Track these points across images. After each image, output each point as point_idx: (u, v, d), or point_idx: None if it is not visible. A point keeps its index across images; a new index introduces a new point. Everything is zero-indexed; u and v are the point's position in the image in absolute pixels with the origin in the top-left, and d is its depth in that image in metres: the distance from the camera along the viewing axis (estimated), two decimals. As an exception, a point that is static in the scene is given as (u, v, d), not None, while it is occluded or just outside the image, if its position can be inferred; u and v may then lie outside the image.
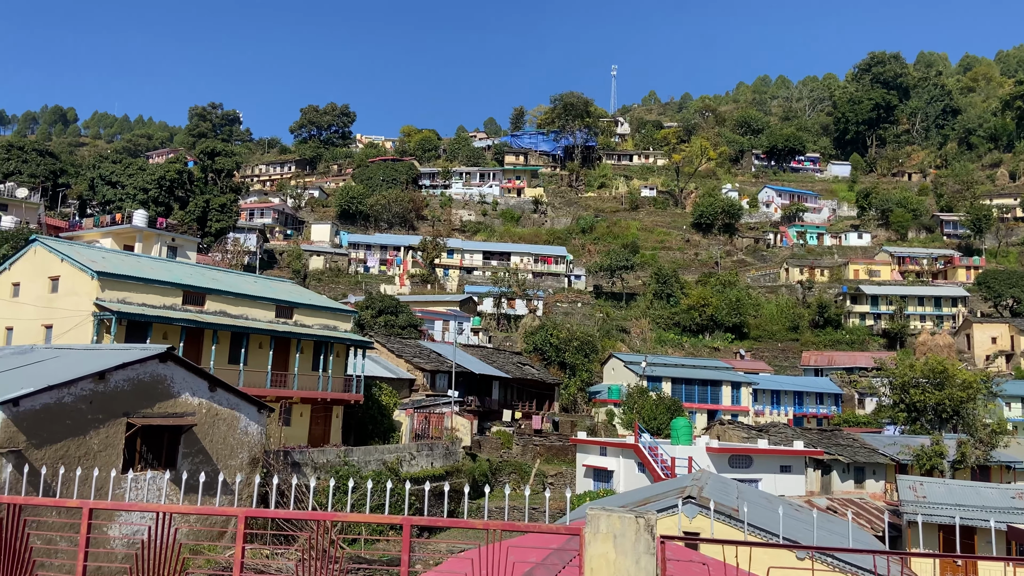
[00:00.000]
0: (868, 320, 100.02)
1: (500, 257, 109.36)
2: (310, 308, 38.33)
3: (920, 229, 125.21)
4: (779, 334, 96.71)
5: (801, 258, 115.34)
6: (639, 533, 6.50)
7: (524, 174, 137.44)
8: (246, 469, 26.68)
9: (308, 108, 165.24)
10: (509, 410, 58.53)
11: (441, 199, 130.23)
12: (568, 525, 7.16)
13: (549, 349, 70.85)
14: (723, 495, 22.16)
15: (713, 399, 72.45)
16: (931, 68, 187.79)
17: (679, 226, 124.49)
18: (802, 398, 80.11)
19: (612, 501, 27.39)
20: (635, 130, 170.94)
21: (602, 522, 6.59)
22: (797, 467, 43.38)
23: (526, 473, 47.51)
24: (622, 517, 6.57)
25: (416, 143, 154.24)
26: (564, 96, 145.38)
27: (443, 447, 40.98)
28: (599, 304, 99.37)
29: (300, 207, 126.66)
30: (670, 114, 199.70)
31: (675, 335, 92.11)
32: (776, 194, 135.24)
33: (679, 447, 40.91)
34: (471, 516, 38.86)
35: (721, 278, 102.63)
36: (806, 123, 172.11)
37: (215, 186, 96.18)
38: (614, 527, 6.56)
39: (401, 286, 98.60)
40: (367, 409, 41.14)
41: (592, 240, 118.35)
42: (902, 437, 51.24)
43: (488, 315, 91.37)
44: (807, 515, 24.43)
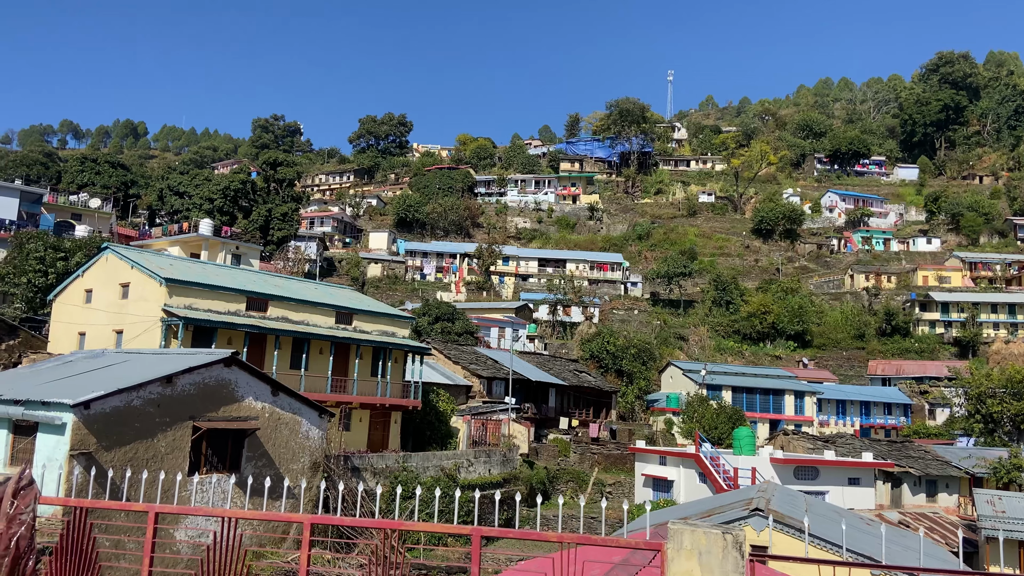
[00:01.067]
0: (938, 328, 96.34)
1: (555, 264, 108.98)
2: (369, 314, 38.69)
3: (992, 234, 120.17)
4: (844, 342, 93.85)
5: (867, 264, 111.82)
6: (727, 551, 6.11)
7: (579, 181, 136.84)
8: (307, 473, 26.97)
9: (366, 118, 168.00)
10: (566, 418, 58.07)
11: (496, 207, 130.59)
12: (648, 540, 6.81)
13: (606, 356, 70.14)
14: (791, 508, 21.40)
15: (775, 408, 70.63)
16: (1002, 67, 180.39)
17: (738, 232, 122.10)
18: (869, 408, 77.51)
19: (673, 512, 26.77)
20: (692, 135, 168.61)
21: (686, 537, 6.24)
22: (866, 480, 41.85)
23: (583, 482, 47.00)
24: (708, 533, 6.20)
25: (471, 151, 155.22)
26: (620, 102, 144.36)
27: (500, 454, 40.81)
28: (656, 311, 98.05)
29: (358, 215, 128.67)
30: (728, 119, 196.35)
31: (735, 343, 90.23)
32: (840, 198, 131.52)
33: (742, 457, 39.88)
34: (524, 524, 38.56)
35: (783, 285, 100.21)
36: (870, 125, 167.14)
37: (277, 195, 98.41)
38: (699, 543, 6.19)
39: (457, 293, 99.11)
40: (425, 415, 41.29)
41: (648, 247, 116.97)
42: (976, 449, 49.04)
43: (544, 322, 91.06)
44: (879, 530, 23.40)
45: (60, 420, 19.61)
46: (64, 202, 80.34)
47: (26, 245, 48.89)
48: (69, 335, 34.37)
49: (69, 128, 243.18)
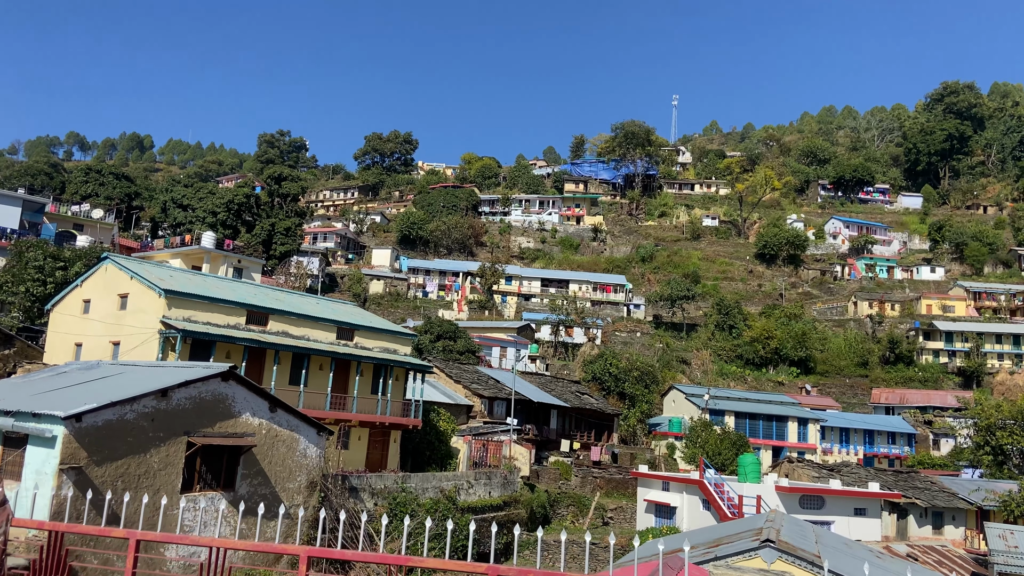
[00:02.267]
0: (942, 357, 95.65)
1: (558, 284, 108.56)
2: (370, 331, 38.16)
3: (997, 264, 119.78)
4: (847, 369, 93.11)
5: (870, 291, 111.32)
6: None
7: (584, 202, 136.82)
8: (304, 492, 26.30)
9: (372, 136, 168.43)
10: (567, 440, 57.30)
11: (500, 226, 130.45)
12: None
13: (608, 379, 69.46)
14: (801, 539, 20.73)
15: (778, 435, 69.79)
16: (1007, 98, 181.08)
17: (742, 256, 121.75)
18: (873, 437, 76.64)
19: (679, 540, 26.04)
20: (697, 159, 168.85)
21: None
22: (872, 510, 41.06)
23: (585, 506, 46.17)
24: None
25: (476, 170, 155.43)
26: (625, 125, 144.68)
27: (501, 476, 40.08)
28: (659, 334, 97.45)
29: (362, 232, 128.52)
30: (732, 144, 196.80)
31: (737, 368, 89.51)
32: (843, 225, 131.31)
33: (747, 485, 39.11)
34: (524, 549, 37.74)
35: (786, 310, 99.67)
36: (874, 154, 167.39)
37: (281, 210, 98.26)
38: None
39: (459, 311, 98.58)
40: (425, 434, 40.62)
41: (652, 269, 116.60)
42: (984, 482, 48.21)
43: (546, 343, 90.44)
44: (893, 564, 22.72)
45: (50, 433, 19.03)
46: (66, 212, 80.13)
47: (25, 254, 48.48)
48: (66, 345, 33.83)
49: (75, 140, 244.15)
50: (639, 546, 28.77)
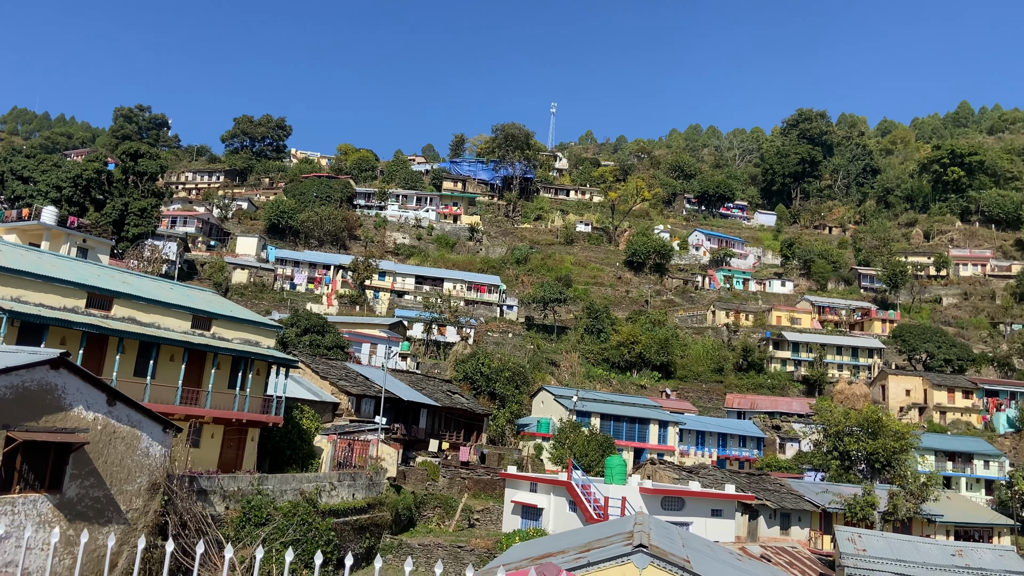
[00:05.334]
0: (789, 366, 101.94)
1: (433, 282, 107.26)
2: (230, 320, 35.55)
3: (839, 281, 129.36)
4: (704, 375, 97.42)
5: (727, 302, 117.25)
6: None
7: (461, 201, 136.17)
8: (145, 495, 23.87)
9: (242, 118, 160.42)
10: (436, 440, 56.24)
11: (376, 220, 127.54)
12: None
13: (479, 378, 68.99)
14: (669, 542, 20.76)
15: (640, 437, 71.78)
16: (854, 128, 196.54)
17: (612, 263, 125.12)
18: (726, 440, 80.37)
19: (547, 544, 25.65)
20: (573, 166, 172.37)
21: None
22: (728, 511, 42.63)
23: (452, 507, 45.29)
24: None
25: (353, 162, 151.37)
26: (506, 127, 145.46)
27: (367, 477, 38.49)
28: (530, 336, 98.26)
29: (226, 218, 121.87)
30: (606, 154, 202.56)
31: (604, 371, 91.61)
32: (705, 238, 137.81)
33: (612, 486, 39.55)
34: (392, 552, 36.41)
35: (651, 317, 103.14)
36: (735, 172, 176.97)
37: (136, 189, 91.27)
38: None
39: (329, 306, 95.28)
40: (286, 433, 38.36)
41: (526, 271, 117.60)
42: (829, 484, 51.34)
43: (418, 340, 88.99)
44: (752, 567, 23.26)
45: None
46: None
47: None
48: None
49: None
50: (507, 551, 28.17)
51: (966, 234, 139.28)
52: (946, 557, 27.73)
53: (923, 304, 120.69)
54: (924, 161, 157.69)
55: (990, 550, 32.01)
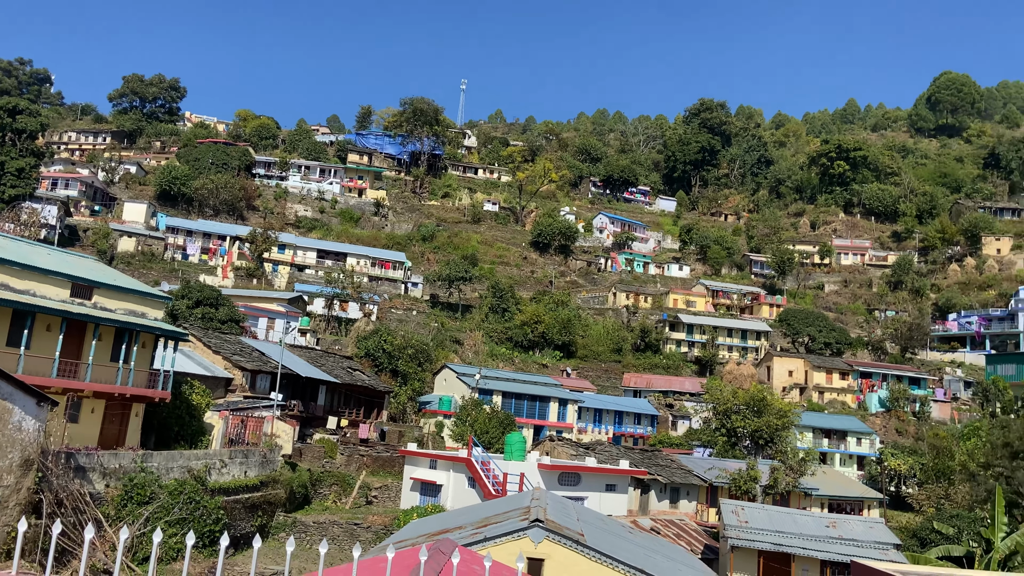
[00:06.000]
0: (683, 347, 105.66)
1: (336, 257, 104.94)
2: (114, 290, 33.63)
3: (732, 266, 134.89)
4: (604, 355, 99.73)
5: (628, 284, 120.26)
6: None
7: (367, 175, 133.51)
8: (17, 472, 22.39)
9: (132, 77, 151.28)
10: (335, 417, 55.32)
11: (276, 191, 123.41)
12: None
13: (382, 356, 68.22)
14: (564, 517, 21.19)
15: (541, 415, 72.91)
16: (751, 120, 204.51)
17: (518, 243, 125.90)
18: (622, 417, 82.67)
19: (445, 520, 25.73)
20: (481, 144, 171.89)
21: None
22: (622, 486, 43.96)
23: (349, 485, 44.74)
24: None
25: (252, 129, 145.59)
26: (415, 101, 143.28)
27: (260, 454, 37.45)
28: (435, 313, 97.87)
29: (113, 182, 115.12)
30: (515, 134, 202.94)
31: (507, 349, 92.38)
32: (609, 221, 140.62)
33: (512, 463, 40.04)
34: (288, 530, 35.66)
35: (554, 297, 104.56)
36: (639, 157, 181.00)
37: (13, 148, 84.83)
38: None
39: (224, 278, 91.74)
40: (174, 409, 36.78)
41: (432, 249, 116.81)
42: (715, 460, 53.70)
43: (318, 316, 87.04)
44: (643, 539, 24.05)
45: None
46: None
47: None
48: None
49: None
50: (404, 527, 28.08)
51: (848, 225, 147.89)
52: (821, 528, 29.62)
53: (807, 290, 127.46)
54: (813, 154, 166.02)
55: (861, 522, 34.38)
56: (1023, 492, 38.31)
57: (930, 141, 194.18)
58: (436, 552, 11.67)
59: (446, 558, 12.13)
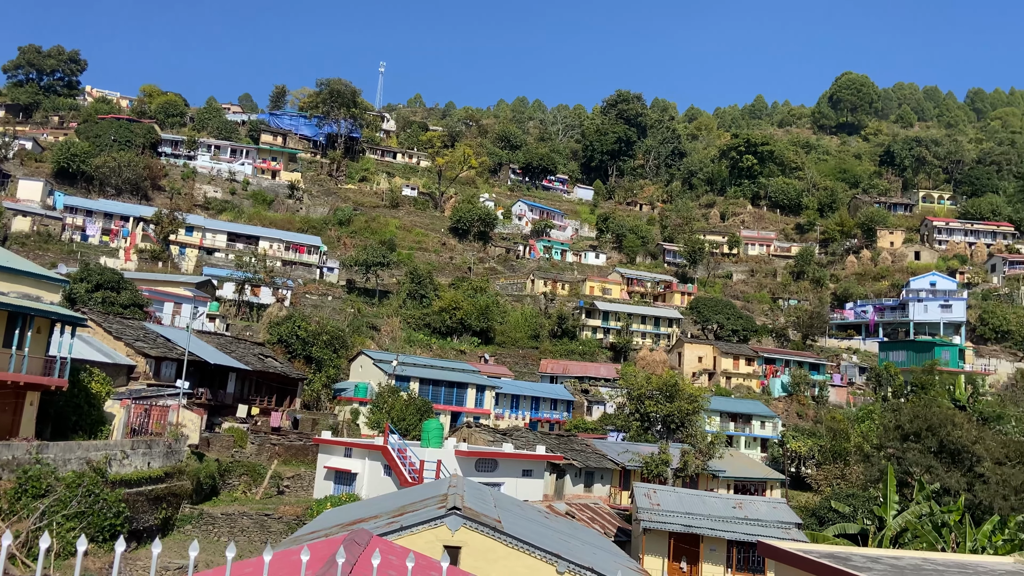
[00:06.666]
0: (599, 334, 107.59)
1: (247, 240, 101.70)
2: (7, 272, 31.58)
3: (647, 255, 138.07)
4: (521, 341, 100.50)
5: (546, 271, 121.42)
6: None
7: (281, 156, 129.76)
8: None
9: (28, 48, 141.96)
10: (246, 405, 53.78)
11: (184, 171, 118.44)
12: None
13: (295, 342, 66.66)
14: (482, 504, 21.27)
15: (458, 401, 72.93)
16: (665, 112, 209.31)
17: (437, 229, 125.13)
18: (539, 403, 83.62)
19: (360, 509, 25.42)
20: (400, 128, 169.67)
21: None
22: (538, 471, 44.49)
23: (260, 474, 43.62)
24: None
25: (158, 106, 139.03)
26: (331, 82, 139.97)
27: (164, 445, 36.04)
28: (351, 299, 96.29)
29: (6, 158, 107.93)
30: (435, 119, 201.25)
31: (425, 336, 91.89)
32: (528, 209, 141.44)
33: (429, 450, 39.90)
34: (194, 522, 34.51)
35: (473, 283, 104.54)
36: (558, 146, 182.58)
37: None
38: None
39: (127, 261, 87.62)
40: (72, 397, 34.91)
41: (349, 233, 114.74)
42: (629, 444, 55.00)
43: (229, 301, 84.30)
44: (558, 523, 24.41)
45: None
46: None
47: None
48: None
49: None
50: (317, 518, 27.60)
51: (755, 217, 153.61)
52: (728, 509, 30.84)
53: (717, 279, 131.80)
54: (724, 148, 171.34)
55: (765, 502, 35.95)
56: (913, 472, 40.89)
57: (831, 138, 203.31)
58: (351, 543, 11.42)
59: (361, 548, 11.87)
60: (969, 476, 42.25)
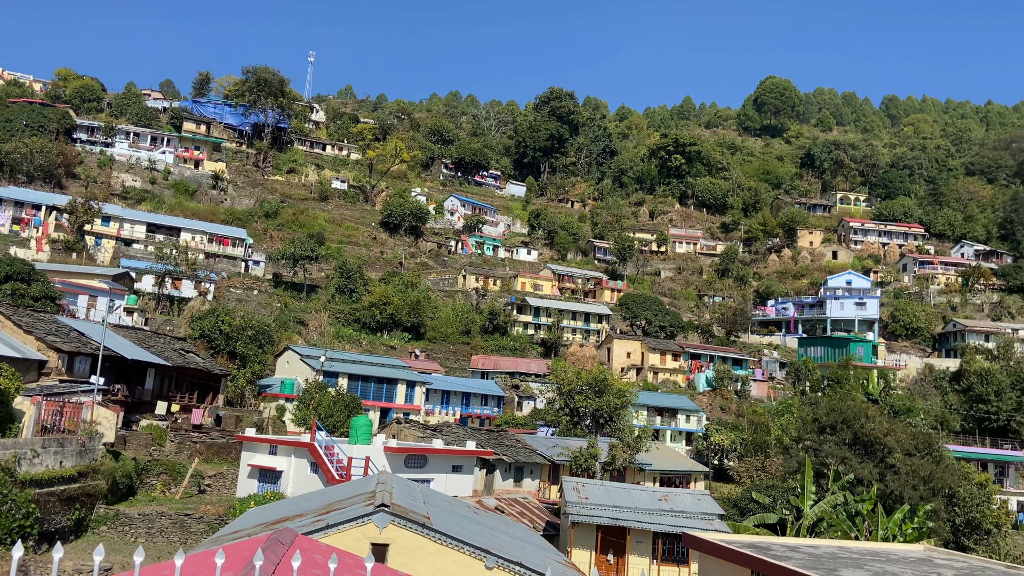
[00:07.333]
0: (530, 329, 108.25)
1: (168, 232, 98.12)
2: (-99, 263, 29.61)
3: (578, 252, 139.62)
4: (452, 337, 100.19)
5: (478, 267, 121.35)
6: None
7: (205, 145, 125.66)
8: None
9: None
10: (165, 402, 51.91)
11: (101, 158, 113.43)
12: None
13: (218, 337, 64.68)
14: (411, 500, 21.09)
15: (388, 397, 72.17)
16: (597, 111, 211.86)
17: (367, 223, 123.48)
18: (469, 399, 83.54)
19: (285, 507, 24.87)
20: (330, 120, 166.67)
21: None
22: (468, 467, 44.42)
23: (180, 473, 42.20)
24: None
25: (74, 90, 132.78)
26: (258, 70, 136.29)
27: (78, 443, 34.47)
28: (278, 293, 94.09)
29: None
30: (366, 111, 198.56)
31: (354, 331, 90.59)
32: (460, 204, 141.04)
33: (357, 447, 39.34)
34: (110, 523, 33.14)
35: (404, 278, 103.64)
36: (491, 142, 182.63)
37: None
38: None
39: (39, 251, 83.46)
40: (-25, 395, 33.02)
41: (276, 226, 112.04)
42: (558, 439, 55.51)
43: (148, 294, 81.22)
44: (487, 518, 24.43)
45: None
46: None
47: None
48: None
49: None
50: (240, 517, 26.87)
51: (683, 215, 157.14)
52: (654, 502, 31.47)
53: (645, 276, 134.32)
54: (653, 147, 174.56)
55: (690, 494, 36.84)
56: (829, 463, 42.57)
57: (755, 140, 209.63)
58: (274, 542, 11.10)
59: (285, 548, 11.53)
60: (881, 467, 44.28)
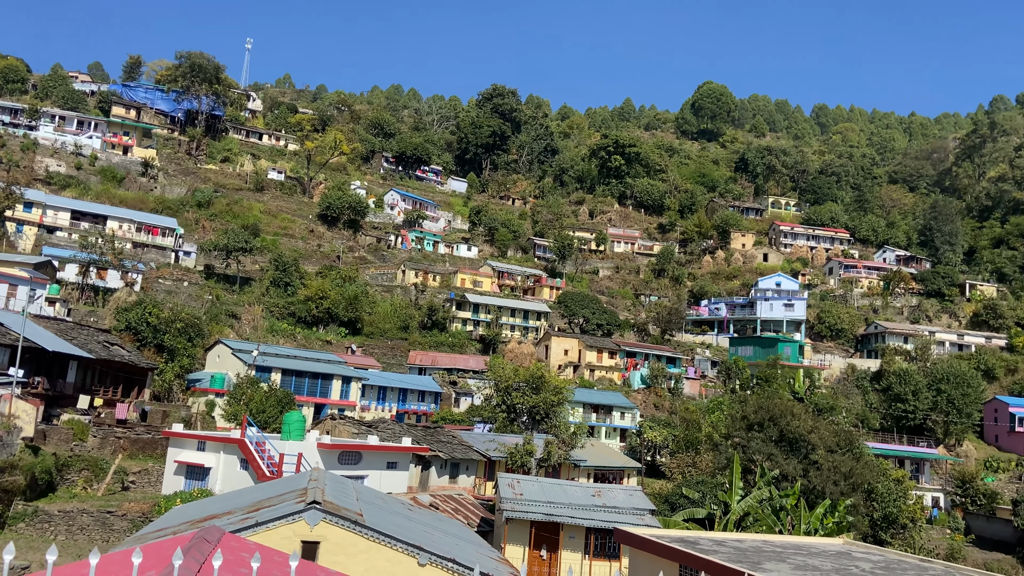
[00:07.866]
0: (469, 326, 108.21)
1: (94, 219, 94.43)
2: None
3: (518, 249, 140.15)
4: (390, 332, 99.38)
5: (418, 262, 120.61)
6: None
7: (134, 131, 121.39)
8: None
9: None
10: (88, 396, 50.04)
11: (23, 142, 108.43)
12: None
13: (145, 329, 62.66)
14: (344, 498, 20.88)
15: (323, 393, 71.20)
16: (539, 109, 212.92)
17: (304, 215, 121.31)
18: (406, 395, 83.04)
19: (213, 504, 24.29)
20: (268, 109, 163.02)
21: None
22: (403, 464, 44.17)
23: (102, 469, 40.75)
24: None
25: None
26: (192, 55, 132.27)
27: (-8, 440, 32.96)
28: (209, 285, 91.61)
29: None
30: (304, 101, 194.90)
31: (289, 325, 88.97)
32: (401, 198, 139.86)
33: (289, 443, 38.68)
34: (28, 520, 31.79)
35: (342, 273, 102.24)
36: (433, 137, 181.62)
37: None
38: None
39: (-49, 237, 79.25)
40: None
41: (208, 216, 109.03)
42: (495, 435, 55.67)
43: (71, 284, 78.08)
44: (421, 515, 24.38)
45: None
46: None
47: None
48: None
49: None
50: (165, 514, 26.14)
51: (621, 215, 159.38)
52: (588, 497, 31.89)
53: (584, 274, 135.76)
54: (594, 147, 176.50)
55: (622, 490, 37.45)
56: (756, 459, 43.86)
57: (693, 143, 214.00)
58: (200, 541, 10.84)
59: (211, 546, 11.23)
60: (805, 463, 45.89)
